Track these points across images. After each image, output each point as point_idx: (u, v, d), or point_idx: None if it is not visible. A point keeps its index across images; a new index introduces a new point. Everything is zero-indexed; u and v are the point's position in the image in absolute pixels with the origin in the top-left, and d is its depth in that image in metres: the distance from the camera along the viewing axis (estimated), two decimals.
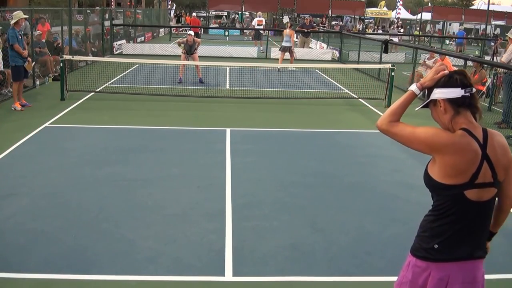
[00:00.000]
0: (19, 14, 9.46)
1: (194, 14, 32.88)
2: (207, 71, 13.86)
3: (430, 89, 2.31)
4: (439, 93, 2.26)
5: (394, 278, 3.92)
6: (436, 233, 2.30)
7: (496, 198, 2.35)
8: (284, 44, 17.05)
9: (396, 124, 2.32)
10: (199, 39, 14.12)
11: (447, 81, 2.24)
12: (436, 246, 2.29)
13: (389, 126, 2.33)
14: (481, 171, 2.19)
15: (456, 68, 11.00)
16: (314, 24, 31.42)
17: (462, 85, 2.22)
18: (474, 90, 2.25)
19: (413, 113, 2.62)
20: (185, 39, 13.54)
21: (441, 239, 2.29)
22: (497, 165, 2.23)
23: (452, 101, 2.24)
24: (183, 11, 36.54)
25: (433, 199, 2.35)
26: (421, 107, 2.39)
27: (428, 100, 2.31)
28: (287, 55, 17.04)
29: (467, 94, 2.22)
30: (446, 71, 2.28)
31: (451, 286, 2.29)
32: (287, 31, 17.07)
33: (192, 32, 13.84)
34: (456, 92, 2.22)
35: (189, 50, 13.47)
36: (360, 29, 38.43)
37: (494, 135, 2.29)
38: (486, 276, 4.03)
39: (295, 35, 18.23)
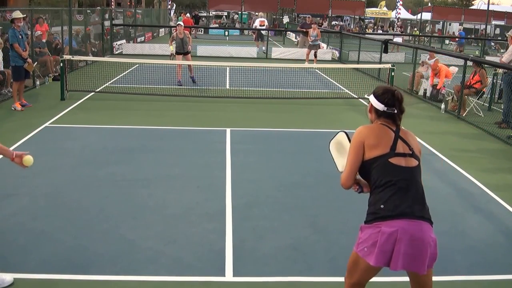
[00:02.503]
0: (14, 14, 9.48)
1: (187, 14, 32.83)
2: (207, 71, 13.85)
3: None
4: (371, 98, 2.93)
5: (395, 279, 3.93)
6: (379, 198, 2.74)
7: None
8: (312, 43, 18.33)
9: (354, 179, 2.90)
10: (188, 33, 13.61)
11: (380, 94, 2.90)
12: (382, 206, 2.70)
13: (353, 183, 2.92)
14: (397, 144, 2.79)
15: (455, 68, 10.92)
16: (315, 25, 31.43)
17: (386, 104, 2.85)
18: (396, 111, 2.85)
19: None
20: (174, 33, 13.15)
21: (384, 200, 2.71)
22: (411, 143, 2.83)
23: (375, 109, 2.90)
24: (199, 15, 36.15)
25: (369, 183, 2.85)
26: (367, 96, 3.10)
27: (367, 97, 3.01)
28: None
29: (388, 111, 2.85)
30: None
31: (400, 241, 2.62)
32: (314, 30, 18.30)
33: (181, 23, 13.67)
34: (379, 106, 2.87)
35: (182, 47, 12.99)
36: (359, 29, 38.41)
37: (406, 130, 2.91)
38: (487, 277, 4.07)
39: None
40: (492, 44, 31.80)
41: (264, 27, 25.15)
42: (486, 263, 4.29)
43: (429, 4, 49.04)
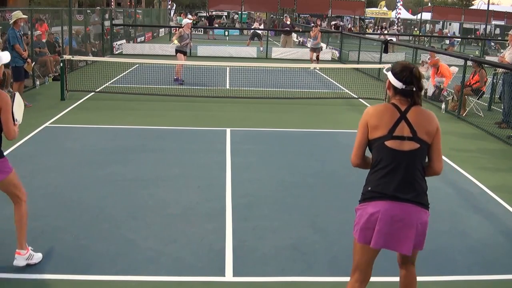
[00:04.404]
0: (17, 14, 9.46)
1: (190, 16, 32.81)
2: (207, 71, 13.85)
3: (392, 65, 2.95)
4: (389, 76, 2.89)
5: (395, 279, 3.92)
6: (370, 180, 2.89)
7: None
8: (312, 46, 17.83)
9: (361, 157, 2.96)
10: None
11: (398, 72, 2.85)
12: (369, 188, 2.86)
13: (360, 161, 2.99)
14: (397, 127, 2.80)
15: (455, 68, 10.92)
16: (312, 24, 31.41)
17: (405, 81, 2.82)
18: (414, 89, 2.83)
19: None
20: (181, 29, 13.21)
21: (373, 183, 2.85)
22: (417, 125, 2.80)
23: (393, 86, 2.87)
24: (213, 16, 35.96)
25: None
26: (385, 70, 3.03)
27: (386, 73, 2.96)
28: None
29: (406, 89, 2.82)
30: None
31: (380, 221, 2.77)
32: (314, 31, 17.69)
33: (190, 21, 13.73)
34: (397, 84, 2.84)
35: (186, 46, 13.13)
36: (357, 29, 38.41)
37: (421, 109, 2.88)
38: (486, 277, 4.07)
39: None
40: (492, 44, 31.79)
41: (258, 28, 25.58)
42: (486, 263, 4.29)
43: (429, 4, 49.04)
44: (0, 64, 3.72)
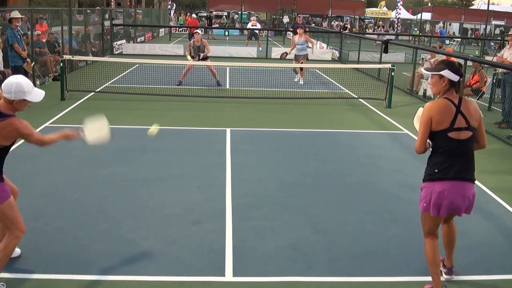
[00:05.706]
0: (13, 14, 9.50)
1: (194, 15, 32.80)
2: (207, 71, 13.84)
3: (439, 66, 3.54)
4: (447, 74, 3.47)
5: (395, 279, 3.94)
6: (435, 163, 3.55)
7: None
8: (297, 53, 14.00)
9: (425, 146, 3.56)
10: (205, 40, 13.56)
11: (457, 68, 3.51)
12: (436, 170, 3.53)
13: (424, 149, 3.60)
14: (456, 119, 3.45)
15: None
16: (313, 24, 31.39)
17: (460, 74, 3.51)
18: (461, 78, 3.51)
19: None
20: (191, 41, 13.24)
21: (438, 166, 3.52)
22: (469, 116, 3.49)
23: (450, 81, 3.50)
24: (212, 16, 35.47)
25: (432, 146, 3.58)
26: (430, 73, 3.62)
27: (438, 73, 3.50)
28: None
29: (459, 80, 3.51)
30: None
31: (448, 196, 3.50)
32: (300, 35, 14.18)
33: (199, 31, 13.64)
34: (455, 78, 3.49)
35: (197, 54, 12.90)
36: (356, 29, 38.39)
37: (467, 101, 3.56)
38: (486, 277, 4.08)
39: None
40: (492, 44, 31.79)
41: (256, 27, 25.56)
42: (486, 263, 4.29)
43: (429, 4, 49.03)
44: (23, 99, 3.54)
